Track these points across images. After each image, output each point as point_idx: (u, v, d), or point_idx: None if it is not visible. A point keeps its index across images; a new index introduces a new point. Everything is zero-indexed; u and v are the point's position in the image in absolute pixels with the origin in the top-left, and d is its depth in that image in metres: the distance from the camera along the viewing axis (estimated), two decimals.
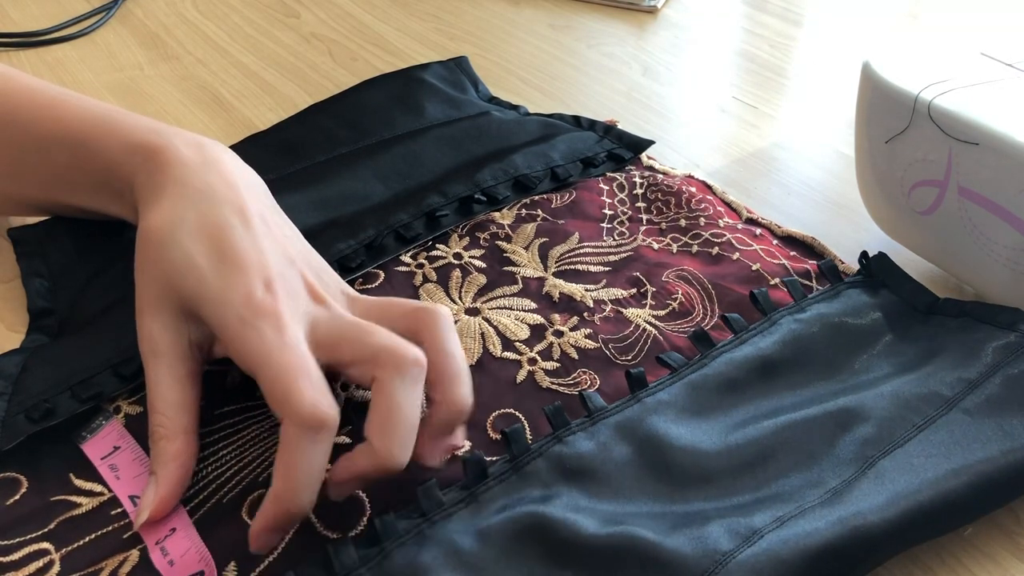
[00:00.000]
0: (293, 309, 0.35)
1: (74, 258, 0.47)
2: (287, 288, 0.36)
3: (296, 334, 0.34)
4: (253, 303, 0.34)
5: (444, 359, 0.36)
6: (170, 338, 0.36)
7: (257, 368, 0.34)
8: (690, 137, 0.62)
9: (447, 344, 0.36)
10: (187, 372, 0.37)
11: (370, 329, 0.35)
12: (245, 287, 0.35)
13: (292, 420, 0.32)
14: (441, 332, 0.36)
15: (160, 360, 0.36)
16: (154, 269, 0.37)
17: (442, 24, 0.76)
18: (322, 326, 0.36)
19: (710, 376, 0.40)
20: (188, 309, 0.36)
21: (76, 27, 0.73)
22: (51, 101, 0.45)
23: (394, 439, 0.33)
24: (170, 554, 0.33)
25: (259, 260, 0.36)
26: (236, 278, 0.35)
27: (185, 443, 0.36)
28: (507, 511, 0.34)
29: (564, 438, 0.37)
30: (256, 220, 0.38)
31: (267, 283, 0.35)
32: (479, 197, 0.50)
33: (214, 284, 0.35)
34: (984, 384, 0.38)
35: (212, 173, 0.39)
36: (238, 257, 0.36)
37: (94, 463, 0.37)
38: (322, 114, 0.59)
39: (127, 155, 0.41)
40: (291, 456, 0.32)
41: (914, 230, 0.47)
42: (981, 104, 0.42)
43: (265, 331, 0.34)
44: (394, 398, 0.33)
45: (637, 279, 0.47)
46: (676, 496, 0.35)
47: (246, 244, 0.36)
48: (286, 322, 0.34)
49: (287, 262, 0.37)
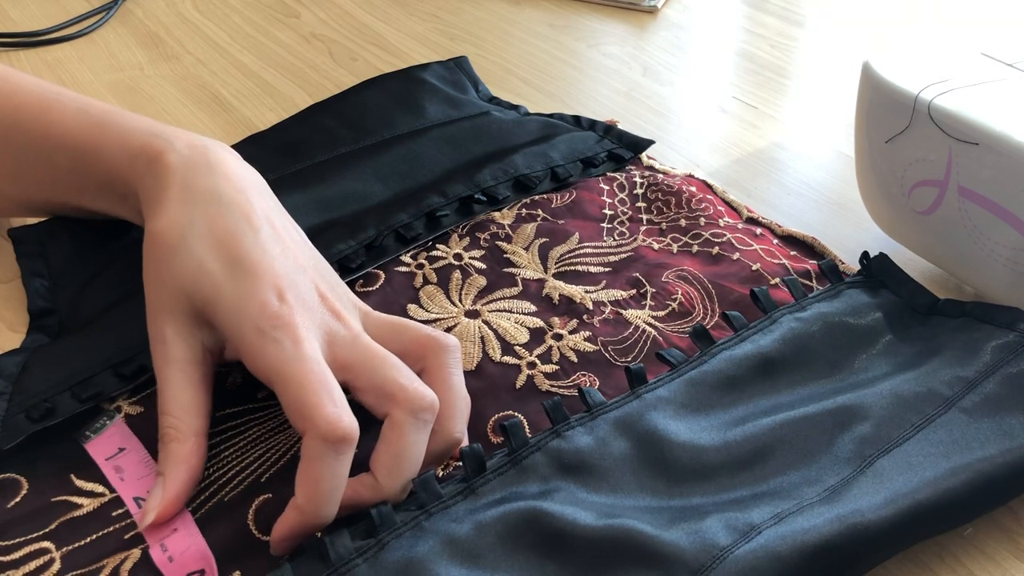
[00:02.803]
0: (309, 320, 0.35)
1: (74, 258, 0.47)
2: (300, 298, 0.36)
3: (314, 346, 0.35)
4: (269, 313, 0.35)
5: (447, 392, 0.37)
6: (184, 343, 0.36)
7: (276, 381, 0.34)
8: (690, 137, 0.62)
9: (452, 377, 0.37)
10: (200, 376, 0.37)
11: (390, 362, 0.36)
12: (260, 296, 0.35)
13: (315, 435, 0.32)
14: (448, 365, 0.37)
15: (173, 364, 0.36)
16: (165, 274, 0.37)
17: (442, 24, 0.76)
18: (339, 344, 0.36)
19: (710, 373, 0.40)
20: (201, 315, 0.36)
21: (76, 27, 0.73)
22: (52, 103, 0.45)
23: (400, 480, 0.34)
24: (169, 550, 0.33)
25: (271, 267, 0.36)
26: (250, 286, 0.35)
27: (196, 446, 0.36)
28: (505, 504, 0.34)
29: (563, 433, 0.37)
30: (264, 224, 0.38)
31: (279, 293, 0.35)
32: (479, 197, 0.50)
33: (228, 292, 0.35)
34: (983, 383, 0.38)
35: (216, 175, 0.39)
36: (250, 264, 0.36)
37: (98, 463, 0.37)
38: (322, 114, 0.59)
39: (130, 158, 0.41)
40: (314, 470, 0.32)
41: (914, 230, 0.47)
42: (981, 104, 0.42)
43: (284, 343, 0.34)
44: (406, 441, 0.34)
45: (637, 279, 0.47)
46: (674, 491, 0.35)
47: (257, 251, 0.37)
48: (303, 335, 0.34)
49: (298, 270, 0.37)
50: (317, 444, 0.32)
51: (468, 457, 0.35)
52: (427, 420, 0.35)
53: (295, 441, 0.38)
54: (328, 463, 0.32)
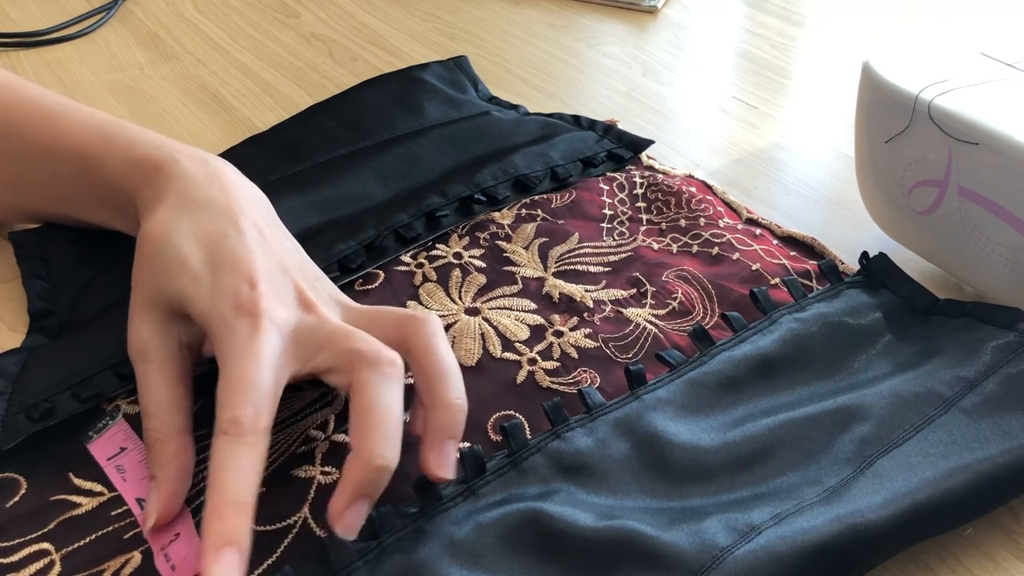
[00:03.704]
0: (277, 310, 0.35)
1: (74, 260, 0.47)
2: (275, 290, 0.36)
3: (269, 342, 0.34)
4: (238, 301, 0.34)
5: (430, 360, 0.35)
6: (159, 340, 0.36)
7: (220, 368, 0.34)
8: (690, 137, 0.62)
9: (434, 346, 0.36)
10: (178, 374, 0.37)
11: (348, 333, 0.35)
12: (232, 286, 0.35)
13: (218, 428, 0.32)
14: (428, 336, 0.36)
15: (149, 363, 0.36)
16: (147, 272, 0.37)
17: (442, 24, 0.76)
18: (303, 333, 0.35)
19: (709, 374, 0.40)
20: (177, 309, 0.36)
21: (76, 27, 0.73)
22: (55, 113, 0.45)
23: (376, 437, 0.32)
24: (172, 559, 0.33)
25: (251, 262, 0.36)
26: (225, 278, 0.35)
27: (180, 444, 0.35)
28: (505, 505, 0.34)
29: (563, 434, 0.37)
30: (251, 229, 0.38)
31: (251, 282, 0.35)
32: (479, 197, 0.50)
33: (206, 284, 0.35)
34: (983, 383, 0.38)
35: (214, 187, 0.39)
36: (231, 259, 0.36)
37: (100, 464, 0.37)
38: (322, 114, 0.59)
39: (131, 169, 0.41)
40: (216, 462, 0.32)
41: (914, 230, 0.47)
42: (981, 104, 0.42)
43: (239, 332, 0.34)
44: (370, 397, 0.33)
45: (637, 279, 0.47)
46: (674, 492, 0.35)
47: (239, 248, 0.37)
48: (263, 326, 0.34)
49: (280, 270, 0.37)
50: (215, 438, 0.32)
51: (468, 459, 0.35)
52: (390, 375, 0.34)
53: (291, 440, 0.38)
54: (232, 454, 0.31)
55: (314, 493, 0.36)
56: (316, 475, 0.37)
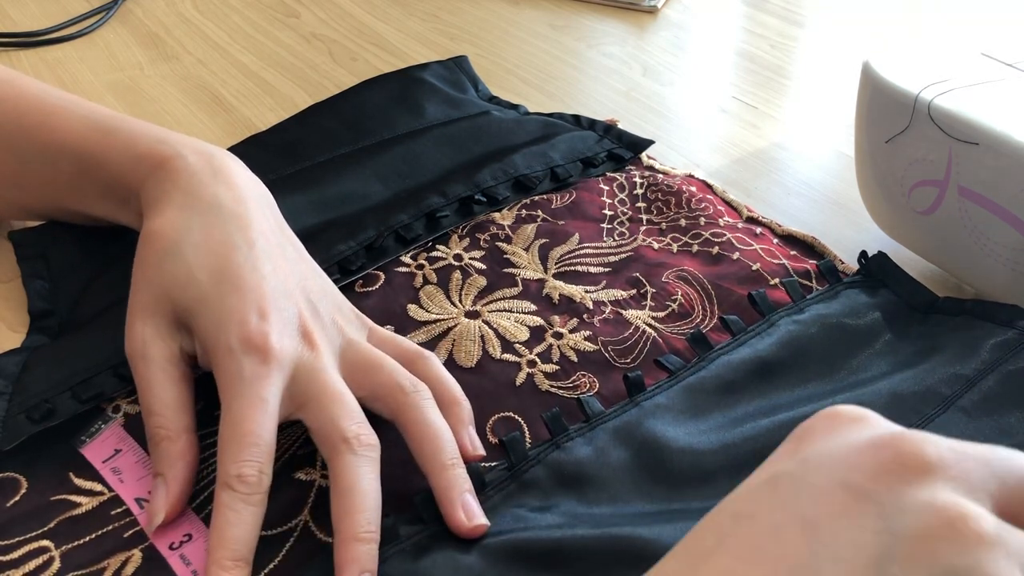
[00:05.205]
0: (281, 347, 0.35)
1: (74, 260, 0.47)
2: (282, 319, 0.36)
3: (275, 385, 0.34)
4: (245, 332, 0.35)
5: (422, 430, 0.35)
6: (162, 343, 0.37)
7: (222, 402, 0.34)
8: (690, 137, 0.62)
9: (424, 416, 0.36)
10: (180, 374, 0.37)
11: (335, 399, 0.35)
12: (241, 314, 0.35)
13: (220, 479, 0.33)
14: (415, 407, 0.36)
15: (152, 363, 0.36)
16: (153, 275, 0.37)
17: (442, 24, 0.76)
18: (301, 375, 0.35)
19: (707, 379, 0.40)
20: (182, 320, 0.37)
21: (76, 27, 0.73)
22: (56, 108, 0.45)
23: (359, 519, 0.32)
24: (193, 564, 0.33)
25: (258, 286, 0.36)
26: (233, 301, 0.36)
27: (188, 442, 0.36)
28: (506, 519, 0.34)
29: (562, 444, 0.37)
30: (259, 239, 0.38)
31: (261, 313, 0.35)
32: (479, 197, 0.50)
33: (213, 304, 0.36)
34: (982, 381, 0.38)
35: (220, 184, 0.39)
36: (239, 280, 0.36)
37: (96, 467, 0.37)
38: (322, 114, 0.59)
39: (134, 163, 0.41)
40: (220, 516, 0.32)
41: (914, 230, 0.47)
42: (981, 104, 0.42)
43: (244, 370, 0.34)
44: (349, 480, 0.33)
45: (637, 279, 0.47)
46: (674, 496, 0.35)
47: (247, 267, 0.37)
48: (271, 368, 0.34)
49: (285, 294, 0.37)
50: (221, 489, 0.33)
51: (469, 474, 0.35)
52: (369, 457, 0.34)
53: (292, 440, 0.38)
54: (238, 512, 0.32)
55: (314, 496, 0.36)
56: (316, 478, 0.37)
